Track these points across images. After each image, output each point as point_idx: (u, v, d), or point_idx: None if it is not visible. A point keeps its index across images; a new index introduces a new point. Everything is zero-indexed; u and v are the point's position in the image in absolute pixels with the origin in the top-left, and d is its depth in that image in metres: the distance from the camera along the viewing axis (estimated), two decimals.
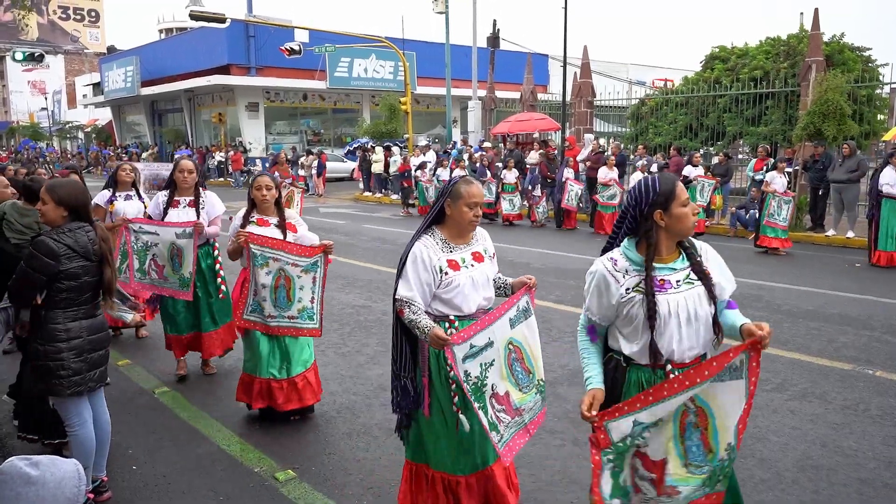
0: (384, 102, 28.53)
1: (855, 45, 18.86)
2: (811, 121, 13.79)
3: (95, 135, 50.76)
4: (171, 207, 5.58)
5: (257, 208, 4.79)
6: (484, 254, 3.41)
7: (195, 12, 22.16)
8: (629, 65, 44.76)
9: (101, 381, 3.77)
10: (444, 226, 3.32)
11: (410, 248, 3.25)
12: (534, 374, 3.22)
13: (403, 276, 3.20)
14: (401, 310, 3.16)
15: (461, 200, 3.22)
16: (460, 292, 3.23)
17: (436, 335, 2.96)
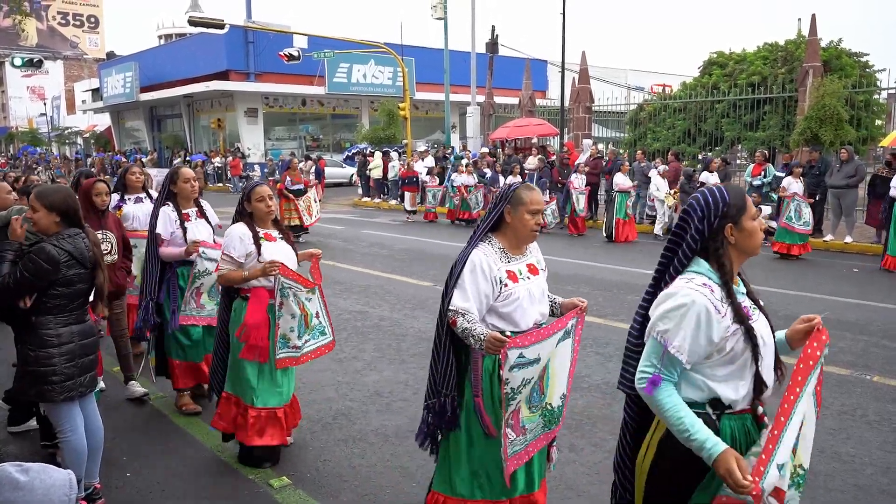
0: (383, 108, 28.58)
1: (852, 51, 18.94)
2: (808, 126, 13.84)
3: (94, 140, 50.81)
4: (185, 222, 5.05)
5: (257, 221, 4.28)
6: (538, 266, 3.21)
7: (194, 18, 22.23)
8: (627, 70, 44.85)
9: (92, 386, 3.74)
10: (502, 234, 3.11)
11: (468, 255, 3.04)
12: (545, 395, 3.00)
13: (460, 285, 2.99)
14: (453, 320, 2.95)
15: (523, 207, 3.01)
16: (519, 306, 3.03)
17: (494, 337, 2.76)
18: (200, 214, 5.18)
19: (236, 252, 4.17)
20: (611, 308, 8.32)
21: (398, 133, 27.36)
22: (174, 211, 5.01)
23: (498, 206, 3.07)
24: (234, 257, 4.17)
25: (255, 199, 4.23)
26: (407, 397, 5.47)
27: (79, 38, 64.72)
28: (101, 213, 5.15)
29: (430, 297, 8.90)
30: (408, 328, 7.49)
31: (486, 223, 3.11)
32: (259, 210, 4.24)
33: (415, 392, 5.58)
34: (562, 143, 19.08)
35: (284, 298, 4.09)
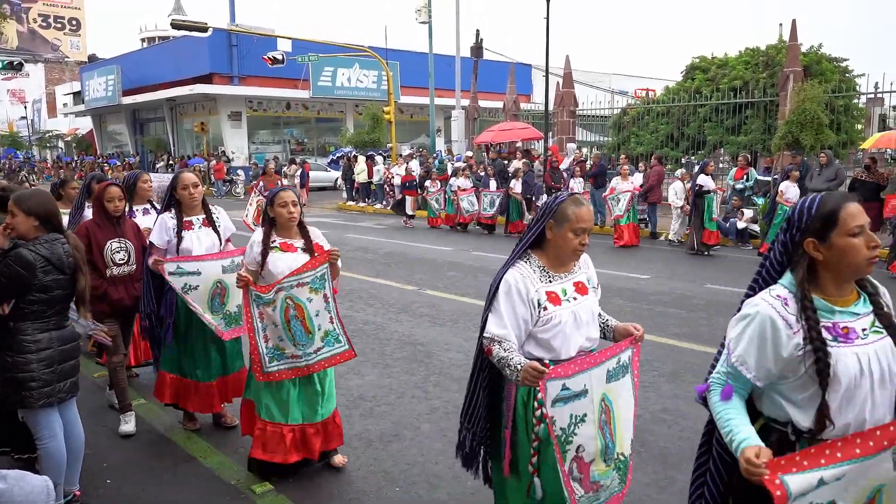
0: (368, 112, 28.58)
1: (832, 56, 19.13)
2: (789, 130, 13.99)
3: (76, 144, 50.37)
4: (184, 230, 4.66)
5: (279, 229, 4.03)
6: (587, 284, 2.88)
7: (177, 21, 22.12)
8: (611, 74, 45.15)
9: (72, 392, 3.71)
10: (543, 251, 2.82)
11: (502, 275, 2.77)
12: (615, 444, 2.62)
13: (494, 309, 2.74)
14: (489, 348, 2.71)
15: (567, 224, 2.72)
16: (560, 331, 2.73)
17: (531, 367, 2.48)
18: (208, 222, 4.78)
19: (247, 259, 4.05)
20: None
21: (383, 137, 27.36)
22: (174, 218, 4.64)
23: (540, 221, 2.79)
24: (247, 265, 4.03)
25: (278, 203, 3.98)
26: (391, 402, 5.46)
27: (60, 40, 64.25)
28: (115, 220, 4.72)
29: (414, 300, 8.90)
30: (392, 332, 7.48)
31: (526, 239, 2.82)
32: (280, 216, 3.98)
33: (399, 396, 5.58)
34: (546, 147, 19.13)
35: (262, 306, 3.86)
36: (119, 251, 4.71)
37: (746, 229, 13.55)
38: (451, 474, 4.23)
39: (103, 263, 4.65)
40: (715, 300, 8.75)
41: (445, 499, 3.97)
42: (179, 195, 4.67)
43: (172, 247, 4.61)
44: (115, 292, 4.70)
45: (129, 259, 4.77)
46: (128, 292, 4.77)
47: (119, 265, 4.71)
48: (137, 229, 4.96)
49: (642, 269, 11.09)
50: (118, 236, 4.72)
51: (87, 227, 4.68)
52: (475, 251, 13.37)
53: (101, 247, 4.64)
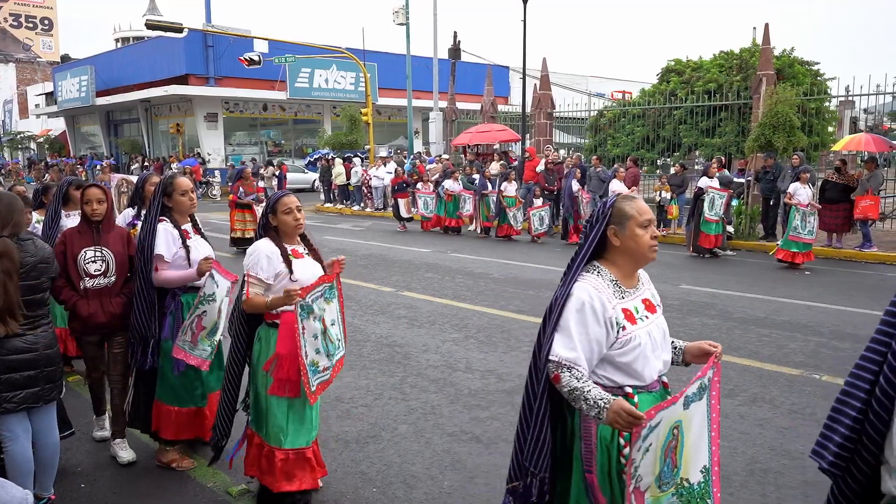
0: (345, 113, 28.51)
1: (804, 60, 19.45)
2: (762, 132, 14.17)
3: (48, 146, 49.64)
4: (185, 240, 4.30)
5: (283, 236, 3.75)
6: (653, 300, 2.64)
7: (152, 21, 21.95)
8: (588, 77, 45.45)
9: (28, 403, 3.57)
10: (611, 261, 2.54)
11: (570, 289, 2.45)
12: (679, 469, 2.36)
13: (563, 329, 2.41)
14: (556, 375, 2.38)
15: (631, 221, 2.48)
16: (641, 354, 2.45)
17: (623, 409, 2.17)
18: (197, 231, 4.44)
19: (264, 272, 3.61)
20: None
21: (361, 138, 27.32)
22: (176, 228, 4.27)
23: (597, 228, 2.51)
24: (263, 279, 3.62)
25: (282, 210, 3.69)
26: (367, 403, 5.46)
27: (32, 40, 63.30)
28: (95, 225, 4.23)
29: (391, 302, 8.90)
30: (369, 334, 7.48)
31: (585, 249, 2.52)
32: (286, 223, 3.70)
33: (376, 398, 5.59)
34: (523, 149, 19.22)
35: (305, 320, 3.54)
36: (94, 261, 4.19)
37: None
38: (428, 475, 4.26)
39: (77, 274, 4.15)
40: (688, 300, 8.86)
41: (422, 499, 3.99)
42: (177, 201, 4.28)
43: (180, 258, 4.22)
44: (85, 307, 4.16)
45: (108, 270, 4.23)
46: (103, 308, 4.21)
47: (93, 276, 4.18)
48: (127, 237, 4.42)
49: None
50: (96, 244, 4.21)
51: (66, 235, 4.25)
52: (453, 252, 13.41)
53: (75, 255, 4.15)
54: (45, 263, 3.64)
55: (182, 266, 4.22)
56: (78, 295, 4.17)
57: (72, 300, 4.17)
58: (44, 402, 3.64)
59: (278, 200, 3.73)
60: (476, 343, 7.12)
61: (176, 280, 4.21)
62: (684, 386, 2.27)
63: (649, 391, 2.50)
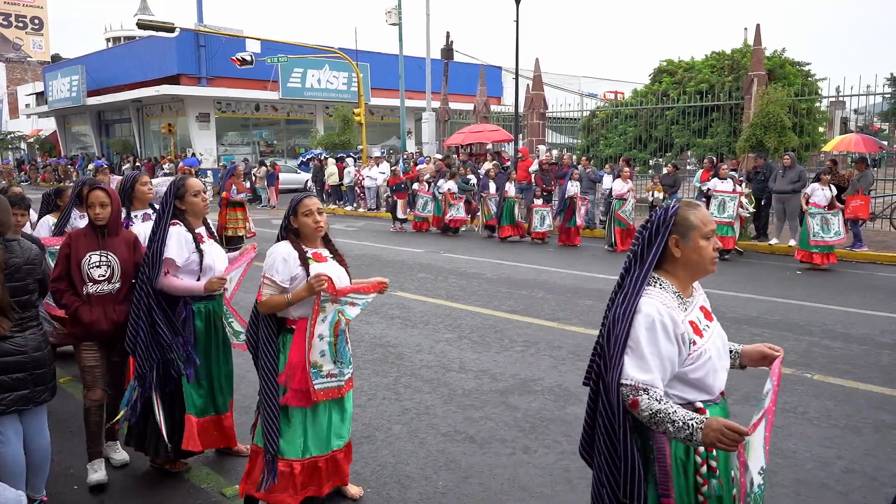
0: (338, 113, 28.49)
1: (796, 60, 19.55)
2: (754, 133, 14.24)
3: (39, 146, 49.40)
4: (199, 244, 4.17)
5: (304, 239, 3.66)
6: (707, 306, 2.53)
7: (143, 21, 21.84)
8: (580, 77, 45.50)
9: (18, 405, 3.56)
10: (671, 273, 2.42)
11: (636, 305, 2.30)
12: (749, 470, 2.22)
13: (633, 349, 2.26)
14: (634, 401, 2.21)
15: (695, 231, 2.35)
16: (711, 367, 2.34)
17: (726, 426, 2.04)
18: (210, 235, 4.31)
19: (279, 275, 3.51)
20: (563, 312, 8.44)
21: (353, 138, 27.30)
22: (189, 231, 4.10)
23: (658, 238, 2.38)
24: (277, 282, 3.51)
25: (302, 212, 3.60)
26: (361, 403, 5.46)
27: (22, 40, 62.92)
28: (100, 229, 4.07)
29: (385, 302, 8.90)
30: (363, 334, 7.48)
31: (649, 262, 2.37)
32: (306, 226, 3.61)
33: (370, 398, 5.59)
34: (516, 149, 19.25)
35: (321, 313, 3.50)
36: (99, 265, 4.02)
37: None
38: (422, 475, 4.26)
39: (80, 279, 4.01)
40: None
41: (417, 499, 3.99)
42: (190, 203, 4.11)
43: (193, 263, 4.07)
44: (87, 313, 3.99)
45: (113, 276, 4.06)
46: (106, 315, 4.04)
47: (97, 282, 4.01)
48: (134, 242, 4.24)
49: (610, 271, 11.21)
50: (101, 248, 4.05)
51: (71, 237, 4.09)
52: (446, 253, 13.41)
53: (79, 259, 4.00)
54: (31, 265, 3.60)
55: (194, 272, 4.08)
56: (80, 300, 4.01)
57: (73, 305, 4.00)
58: (34, 404, 3.63)
59: (299, 202, 3.63)
60: (469, 343, 7.12)
61: (181, 290, 4.04)
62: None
63: (715, 403, 2.39)
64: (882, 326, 7.65)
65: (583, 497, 3.98)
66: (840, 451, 4.55)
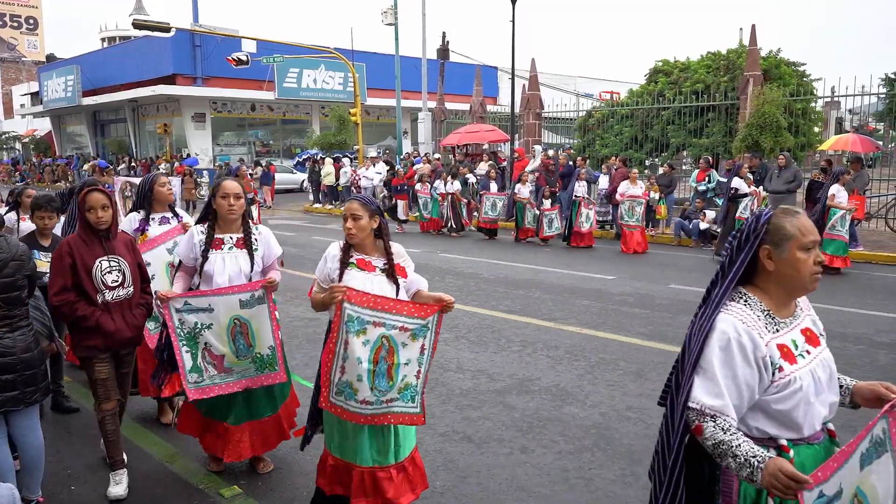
0: (334, 113, 28.45)
1: (791, 60, 19.60)
2: (750, 133, 14.28)
3: (34, 146, 49.27)
4: (212, 249, 3.98)
5: (356, 244, 3.44)
6: (815, 329, 2.21)
7: (139, 21, 21.81)
8: (576, 77, 45.57)
9: (7, 406, 3.54)
10: (761, 288, 2.14)
11: (712, 322, 2.08)
12: None
13: (704, 371, 2.04)
14: (699, 426, 2.01)
15: (792, 242, 2.06)
16: (802, 399, 2.03)
17: (782, 471, 1.81)
18: (243, 243, 4.04)
19: (319, 274, 3.44)
20: (560, 312, 8.45)
21: (349, 139, 27.28)
22: (203, 233, 3.99)
23: (746, 249, 2.12)
24: (319, 281, 3.42)
25: (343, 216, 3.43)
26: None
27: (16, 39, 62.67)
28: (102, 234, 3.89)
29: None
30: None
31: (732, 274, 2.12)
32: (220, 207, 3.59)
33: None
34: (512, 149, 19.26)
35: (349, 333, 3.17)
36: (111, 271, 3.86)
37: (709, 230, 13.79)
38: None
39: (93, 287, 3.81)
40: (678, 300, 8.91)
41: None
42: (218, 205, 3.95)
43: (195, 264, 3.99)
44: (110, 322, 3.84)
45: (125, 280, 3.92)
46: (126, 321, 3.92)
47: (112, 288, 3.86)
48: (131, 243, 4.11)
49: (607, 270, 11.23)
50: (108, 253, 3.88)
51: (70, 244, 3.83)
52: (443, 253, 13.41)
53: (89, 267, 3.80)
54: (18, 261, 3.56)
55: (192, 272, 4.02)
56: (99, 309, 3.83)
57: (94, 316, 3.80)
58: (25, 405, 3.60)
59: (347, 205, 3.45)
60: (467, 343, 7.12)
61: None
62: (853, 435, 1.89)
63: (810, 443, 2.07)
64: (879, 326, 7.67)
65: (580, 497, 3.99)
66: None
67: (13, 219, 6.01)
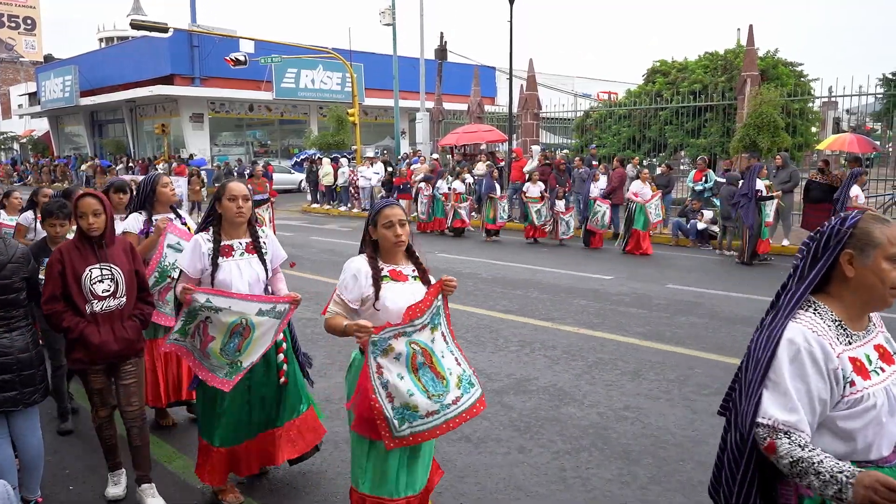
0: (332, 114, 28.46)
1: (788, 61, 19.63)
2: (747, 133, 14.30)
3: (32, 146, 49.22)
4: (221, 257, 3.74)
5: (382, 254, 3.18)
6: (889, 346, 2.07)
7: (136, 21, 21.78)
8: (574, 77, 45.57)
9: (5, 407, 3.54)
10: (835, 297, 2.01)
11: (781, 330, 1.95)
12: None
13: (774, 383, 1.91)
14: (771, 444, 1.88)
15: (878, 250, 1.92)
16: (875, 419, 1.90)
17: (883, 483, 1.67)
18: (253, 248, 3.83)
19: (349, 294, 3.08)
20: (558, 312, 8.46)
21: (347, 139, 27.28)
22: (210, 240, 3.72)
23: (827, 253, 1.99)
24: (347, 301, 3.08)
25: (383, 223, 3.10)
26: None
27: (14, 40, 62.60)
28: (95, 241, 3.70)
29: None
30: None
31: (809, 281, 2.00)
32: (386, 239, 3.11)
33: None
34: (510, 149, 19.27)
35: (380, 357, 2.95)
36: (102, 280, 3.67)
37: (706, 230, 13.81)
38: None
39: (81, 297, 3.63)
40: (675, 300, 8.92)
41: None
42: (224, 208, 3.72)
43: (206, 277, 3.71)
44: (95, 334, 3.65)
45: (118, 290, 3.73)
46: (115, 334, 3.72)
47: (102, 298, 3.67)
48: (130, 249, 3.89)
49: (605, 270, 11.25)
50: (100, 261, 3.70)
51: (62, 251, 3.67)
52: (441, 253, 13.42)
53: (78, 275, 3.63)
54: (16, 263, 3.56)
55: (207, 285, 3.71)
56: (85, 320, 3.65)
57: (78, 327, 3.64)
58: (23, 405, 3.60)
59: (380, 211, 3.13)
60: (464, 343, 7.13)
61: None
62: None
63: (880, 467, 1.91)
64: None
65: (578, 496, 4.01)
66: None
67: (30, 218, 6.06)
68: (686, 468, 4.31)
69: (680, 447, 4.62)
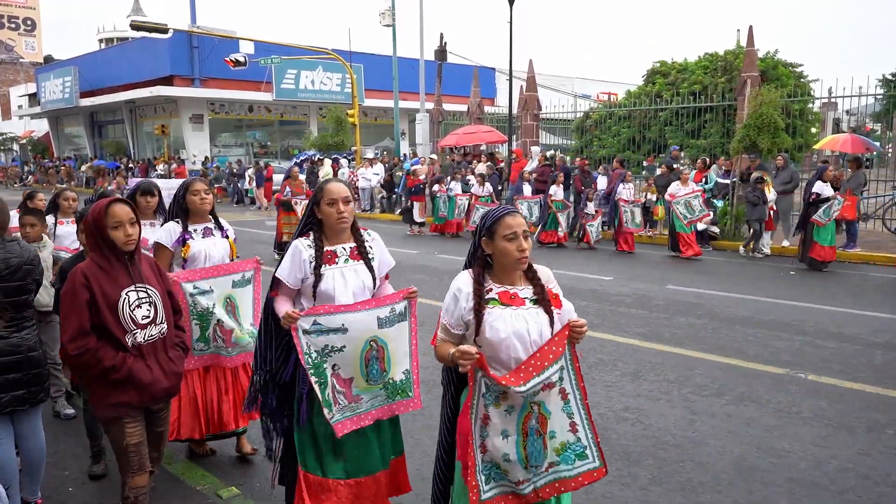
0: (331, 114, 28.45)
1: (788, 62, 19.65)
2: (747, 134, 14.28)
3: (31, 147, 49.22)
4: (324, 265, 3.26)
5: (495, 272, 2.75)
6: None
7: (136, 22, 21.81)
8: (574, 78, 45.55)
9: (13, 406, 3.54)
10: None
11: None
12: None
13: None
14: None
15: None
16: None
17: None
18: (358, 254, 3.35)
19: (450, 317, 2.72)
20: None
21: (347, 140, 27.28)
22: (311, 246, 3.22)
23: None
24: (449, 326, 2.73)
25: (503, 235, 2.66)
26: None
27: (14, 41, 62.63)
28: (127, 257, 3.09)
29: None
30: None
31: None
32: (507, 254, 2.67)
33: None
34: (510, 150, 19.27)
35: (493, 406, 2.53)
36: (140, 304, 3.06)
37: (707, 230, 13.80)
38: (418, 475, 4.25)
39: (120, 327, 3.00)
40: (675, 300, 8.91)
41: (412, 500, 3.99)
42: (324, 214, 3.22)
43: (307, 287, 3.22)
44: (145, 371, 3.05)
45: (156, 315, 3.12)
46: (164, 368, 3.13)
47: (143, 326, 3.06)
48: (156, 266, 3.33)
49: (604, 271, 11.24)
50: (135, 281, 3.08)
51: (86, 274, 2.98)
52: (441, 254, 13.42)
53: (113, 302, 2.98)
54: (30, 265, 3.59)
55: (308, 296, 3.23)
56: (130, 355, 3.02)
57: (125, 365, 2.99)
58: (30, 405, 3.62)
59: (500, 220, 2.66)
60: None
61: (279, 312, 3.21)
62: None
63: None
64: (875, 326, 7.69)
65: (577, 497, 3.99)
66: (833, 450, 4.57)
67: (50, 221, 5.90)
68: (686, 469, 4.31)
69: (680, 448, 4.62)
